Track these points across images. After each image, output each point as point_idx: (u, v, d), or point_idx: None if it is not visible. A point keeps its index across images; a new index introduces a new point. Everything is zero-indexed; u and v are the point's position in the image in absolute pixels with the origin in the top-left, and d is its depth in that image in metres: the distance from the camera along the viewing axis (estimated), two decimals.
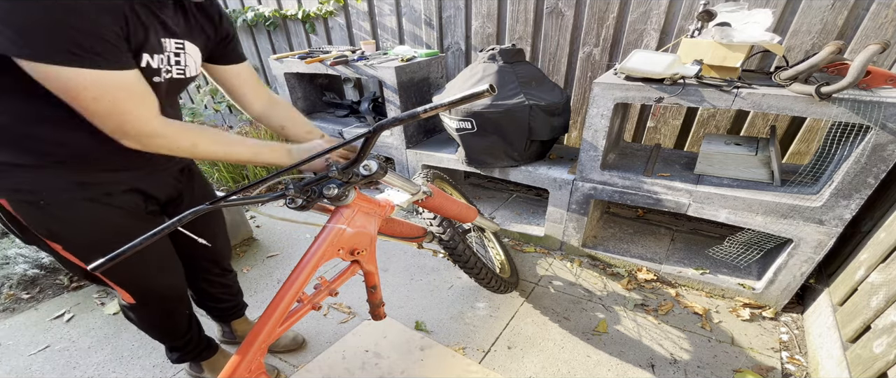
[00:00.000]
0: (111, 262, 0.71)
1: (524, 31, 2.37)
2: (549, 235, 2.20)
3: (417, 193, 1.26)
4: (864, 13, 1.67)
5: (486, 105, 1.82)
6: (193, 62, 1.00)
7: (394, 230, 1.40)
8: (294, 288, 0.92)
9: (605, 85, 1.63)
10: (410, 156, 2.42)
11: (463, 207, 1.53)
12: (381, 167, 0.91)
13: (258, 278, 2.09)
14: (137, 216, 1.05)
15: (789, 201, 1.52)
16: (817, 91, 1.28)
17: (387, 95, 2.28)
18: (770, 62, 1.90)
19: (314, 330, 1.75)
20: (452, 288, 1.97)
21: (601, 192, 1.88)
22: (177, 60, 0.94)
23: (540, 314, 1.80)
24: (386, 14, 2.75)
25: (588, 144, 1.79)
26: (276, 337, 0.93)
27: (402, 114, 0.75)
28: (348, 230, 0.99)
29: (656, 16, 2.01)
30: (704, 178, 1.74)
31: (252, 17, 3.17)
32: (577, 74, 2.36)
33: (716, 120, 2.15)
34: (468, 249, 1.54)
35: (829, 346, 1.44)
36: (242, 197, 0.93)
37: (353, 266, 1.11)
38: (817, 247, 1.54)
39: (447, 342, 1.68)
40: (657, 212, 2.43)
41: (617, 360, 1.58)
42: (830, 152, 1.55)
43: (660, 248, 2.12)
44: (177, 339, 1.35)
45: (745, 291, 1.80)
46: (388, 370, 1.56)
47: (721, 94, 1.45)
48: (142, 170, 1.04)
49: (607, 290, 1.94)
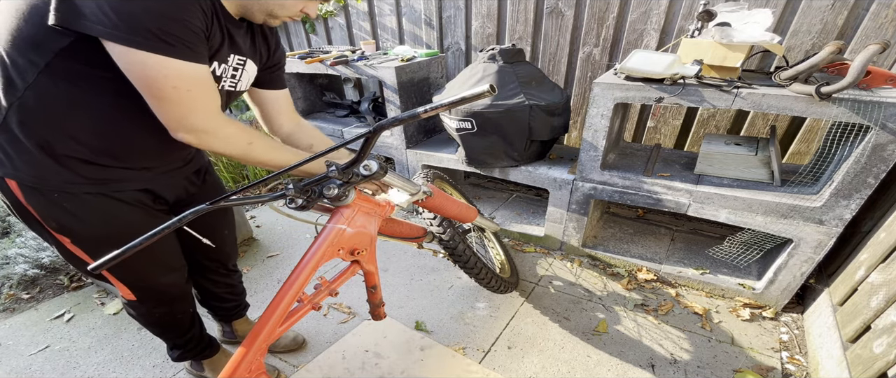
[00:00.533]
0: (111, 262, 0.71)
1: (524, 31, 2.37)
2: (549, 235, 2.20)
3: (417, 193, 1.26)
4: (864, 13, 1.67)
5: (486, 105, 1.82)
6: (247, 79, 1.05)
7: (394, 230, 1.40)
8: (294, 288, 0.92)
9: (605, 85, 1.63)
10: (410, 156, 2.42)
11: (463, 207, 1.53)
12: (381, 167, 0.91)
13: (258, 278, 2.09)
14: (147, 212, 1.06)
15: (789, 201, 1.52)
16: (817, 91, 1.28)
17: (387, 95, 2.28)
18: (770, 62, 1.90)
19: (314, 330, 1.75)
20: (452, 288, 1.97)
21: (601, 192, 1.88)
22: (234, 74, 0.99)
23: (540, 314, 1.80)
24: (386, 14, 2.75)
25: (588, 144, 1.79)
26: (276, 337, 0.93)
27: (402, 114, 0.75)
28: (348, 230, 1.00)
29: (656, 16, 2.01)
30: (704, 178, 1.74)
31: None
32: (577, 74, 2.36)
33: (716, 120, 2.15)
34: (468, 249, 1.54)
35: (829, 346, 1.44)
36: (242, 197, 0.93)
37: (353, 266, 1.11)
38: (817, 247, 1.54)
39: (447, 342, 1.68)
40: (657, 212, 2.43)
41: (617, 360, 1.58)
42: (830, 152, 1.55)
43: (660, 248, 2.12)
44: (178, 337, 1.35)
45: (746, 291, 1.80)
46: (388, 370, 1.56)
47: (721, 94, 1.45)
48: (156, 170, 1.04)
49: (607, 290, 1.94)
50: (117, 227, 1.00)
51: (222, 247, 1.38)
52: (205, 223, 1.11)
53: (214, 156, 2.71)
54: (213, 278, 1.45)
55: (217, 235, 1.35)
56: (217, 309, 1.57)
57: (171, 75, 0.77)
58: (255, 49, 1.03)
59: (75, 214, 0.95)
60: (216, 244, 1.34)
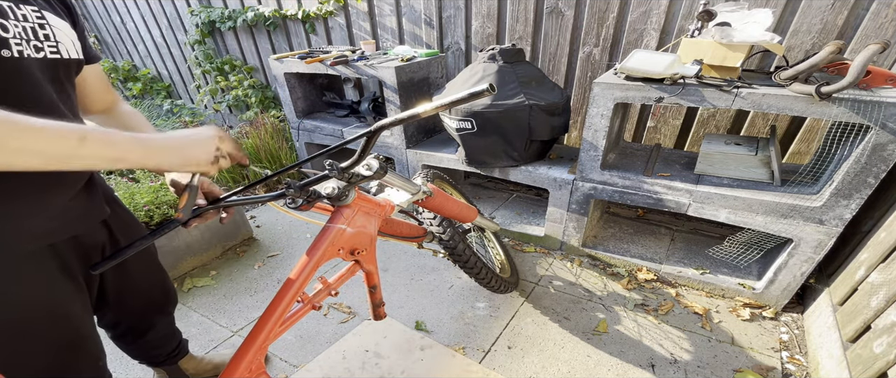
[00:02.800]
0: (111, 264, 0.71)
1: (524, 31, 2.37)
2: (549, 235, 2.20)
3: (417, 193, 1.27)
4: (864, 13, 1.67)
5: (486, 105, 1.82)
6: (69, 41, 0.77)
7: (394, 230, 1.40)
8: (294, 288, 0.92)
9: (605, 85, 1.63)
10: (410, 156, 2.42)
11: (463, 207, 1.53)
12: (381, 167, 0.91)
13: (258, 278, 2.09)
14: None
15: (789, 201, 1.52)
16: (817, 91, 1.28)
17: (387, 95, 2.28)
18: (770, 62, 1.90)
19: (314, 330, 1.75)
20: (452, 288, 1.97)
21: (601, 191, 1.88)
22: (44, 34, 0.71)
23: (540, 314, 1.80)
24: (386, 14, 2.75)
25: (588, 144, 1.79)
26: (276, 336, 0.93)
27: (403, 114, 0.75)
28: (348, 230, 1.00)
29: (656, 16, 2.01)
30: (704, 177, 1.74)
31: (252, 17, 3.17)
32: (577, 74, 2.36)
33: (716, 120, 2.15)
34: (468, 249, 1.54)
35: (829, 345, 1.44)
36: (242, 197, 0.93)
37: (354, 266, 1.11)
38: (817, 247, 1.54)
39: (447, 342, 1.68)
40: (657, 212, 2.43)
41: (617, 360, 1.58)
42: (830, 152, 1.55)
43: (660, 248, 2.12)
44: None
45: (746, 291, 1.80)
46: (388, 370, 1.56)
47: (721, 93, 1.45)
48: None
49: (607, 290, 1.94)
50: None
51: (164, 285, 1.22)
52: (123, 270, 1.01)
53: None
54: (157, 334, 1.27)
55: (151, 273, 1.17)
56: (158, 356, 1.34)
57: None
58: (50, 2, 0.76)
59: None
60: (152, 284, 1.17)
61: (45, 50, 0.71)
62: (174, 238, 2.02)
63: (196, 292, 1.99)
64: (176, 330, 1.38)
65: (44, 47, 0.71)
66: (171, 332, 1.35)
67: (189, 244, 2.09)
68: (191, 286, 2.02)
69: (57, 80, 0.75)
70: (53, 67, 0.74)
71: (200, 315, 1.86)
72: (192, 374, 1.49)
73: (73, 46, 0.78)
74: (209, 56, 3.66)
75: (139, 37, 4.18)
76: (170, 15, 3.77)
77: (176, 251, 2.04)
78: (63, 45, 0.75)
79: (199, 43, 3.61)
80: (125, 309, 1.13)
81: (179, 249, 2.05)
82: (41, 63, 0.71)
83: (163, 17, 3.84)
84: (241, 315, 1.85)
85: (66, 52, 0.76)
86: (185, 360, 1.46)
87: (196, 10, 3.48)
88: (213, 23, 3.46)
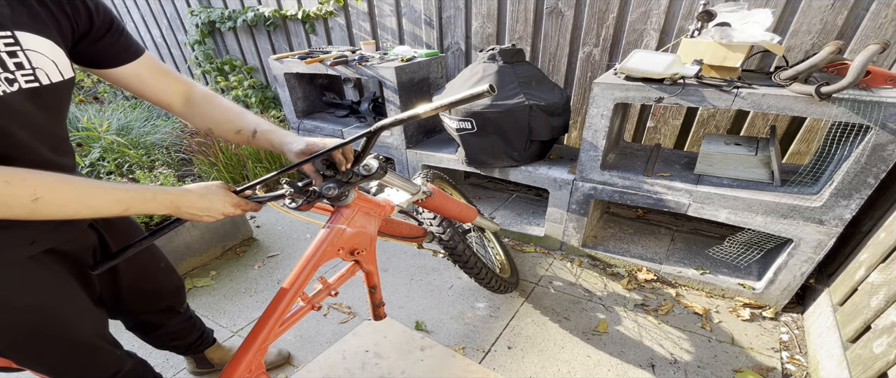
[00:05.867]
0: (111, 263, 0.71)
1: (524, 31, 2.37)
2: (549, 235, 2.20)
3: (417, 193, 1.27)
4: (864, 13, 1.67)
5: (486, 105, 1.82)
6: (50, 63, 0.70)
7: (394, 230, 1.40)
8: (294, 288, 0.92)
9: (605, 85, 1.63)
10: (410, 156, 2.42)
11: (463, 207, 1.53)
12: (381, 167, 0.91)
13: (258, 278, 2.09)
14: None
15: (789, 201, 1.52)
16: (817, 91, 1.28)
17: (387, 95, 2.28)
18: (770, 62, 1.90)
19: (314, 330, 1.75)
20: (452, 288, 1.97)
21: (601, 192, 1.88)
22: (16, 62, 0.65)
23: (540, 314, 1.80)
24: (386, 14, 2.75)
25: (588, 144, 1.79)
26: (276, 336, 0.93)
27: (403, 114, 0.75)
28: (348, 230, 1.00)
29: (656, 16, 2.01)
30: (704, 178, 1.74)
31: (252, 18, 3.17)
32: (577, 74, 2.36)
33: (716, 120, 2.15)
34: (468, 249, 1.54)
35: (829, 345, 1.44)
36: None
37: (354, 266, 1.11)
38: (817, 247, 1.54)
39: (447, 342, 1.68)
40: (657, 212, 2.43)
41: (617, 360, 1.58)
42: (830, 152, 1.55)
43: (660, 248, 2.12)
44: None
45: (746, 291, 1.80)
46: (388, 370, 1.56)
47: (721, 94, 1.45)
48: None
49: (607, 290, 1.94)
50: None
51: (167, 285, 1.21)
52: (123, 270, 1.02)
53: (214, 155, 2.71)
54: (168, 330, 1.29)
55: (150, 275, 1.15)
56: (178, 347, 1.38)
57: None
58: (30, 13, 0.67)
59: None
60: (153, 285, 1.17)
61: (19, 80, 0.65)
62: (174, 238, 2.02)
63: (196, 292, 1.99)
64: (194, 323, 1.40)
65: (17, 78, 0.65)
66: (185, 327, 1.35)
67: (189, 244, 2.09)
68: (191, 286, 2.02)
69: (47, 106, 0.72)
70: (36, 96, 0.69)
71: (200, 315, 1.84)
72: (217, 363, 1.53)
73: (55, 67, 0.71)
74: (209, 56, 3.66)
75: (139, 37, 4.18)
76: (170, 15, 3.77)
77: (176, 251, 2.04)
78: (41, 70, 0.68)
79: (199, 43, 3.61)
80: (129, 307, 1.14)
81: (179, 249, 2.05)
82: (19, 95, 0.66)
83: (163, 18, 3.84)
84: (240, 315, 1.85)
85: (46, 77, 0.69)
86: (212, 350, 1.50)
87: (196, 10, 3.48)
88: (213, 23, 3.46)
